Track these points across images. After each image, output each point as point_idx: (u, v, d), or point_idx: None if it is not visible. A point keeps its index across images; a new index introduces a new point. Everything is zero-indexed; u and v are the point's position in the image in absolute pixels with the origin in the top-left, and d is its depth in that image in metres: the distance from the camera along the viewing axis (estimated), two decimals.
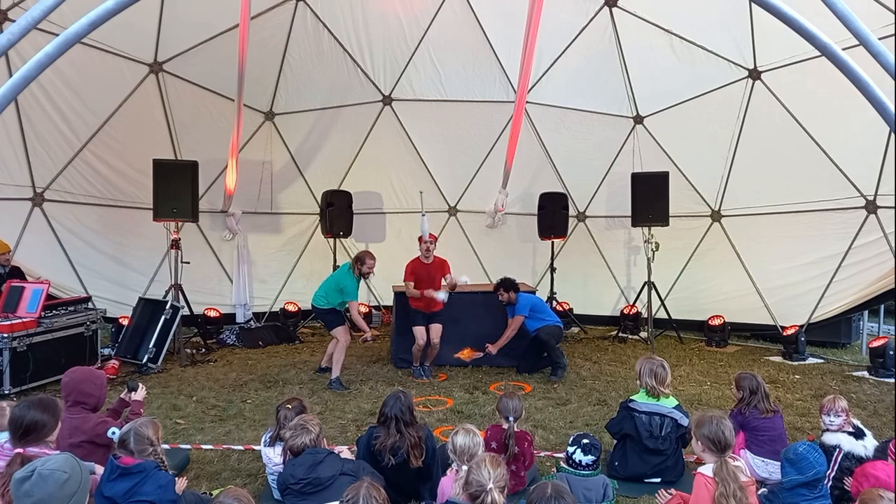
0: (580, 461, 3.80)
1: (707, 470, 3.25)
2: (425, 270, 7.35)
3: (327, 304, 7.05)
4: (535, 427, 5.45)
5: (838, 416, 4.15)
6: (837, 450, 3.95)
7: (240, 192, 9.01)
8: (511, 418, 4.14)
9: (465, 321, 7.66)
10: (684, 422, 4.44)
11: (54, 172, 8.40)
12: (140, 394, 4.40)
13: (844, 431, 4.07)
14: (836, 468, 3.89)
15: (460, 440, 3.51)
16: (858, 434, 4.06)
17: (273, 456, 4.04)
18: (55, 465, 2.32)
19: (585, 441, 3.85)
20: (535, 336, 7.34)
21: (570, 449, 3.87)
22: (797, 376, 7.36)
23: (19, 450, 3.05)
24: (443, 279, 7.38)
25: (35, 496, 2.25)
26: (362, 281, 7.19)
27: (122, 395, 4.44)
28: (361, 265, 7.01)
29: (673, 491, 3.73)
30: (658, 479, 4.35)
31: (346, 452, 3.95)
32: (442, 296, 7.21)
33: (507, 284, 7.51)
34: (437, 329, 7.38)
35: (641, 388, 4.56)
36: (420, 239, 7.47)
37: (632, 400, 4.55)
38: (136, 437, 3.15)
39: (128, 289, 8.83)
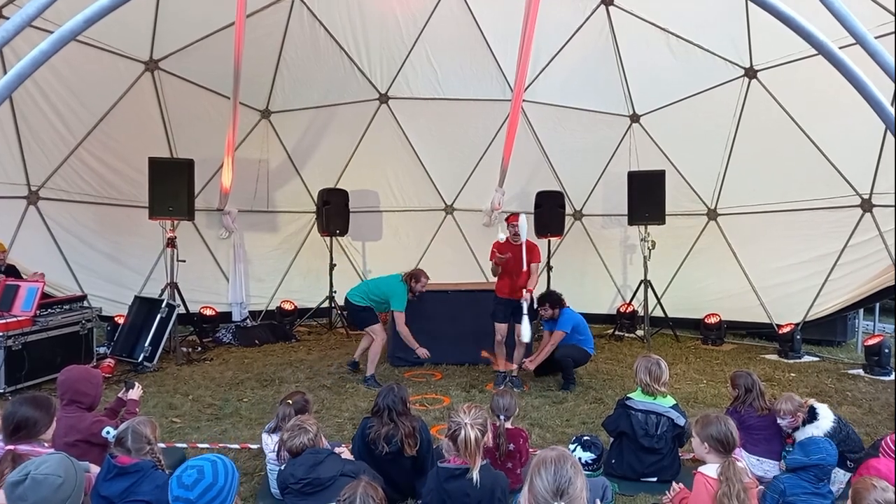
0: (580, 458, 3.81)
1: (708, 470, 3.23)
2: (512, 251, 6.82)
3: (365, 301, 6.89)
4: (531, 425, 5.46)
5: (783, 418, 4.25)
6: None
7: (236, 190, 8.98)
8: (502, 416, 4.14)
9: (463, 320, 7.63)
10: (681, 421, 4.43)
11: (49, 170, 8.37)
12: (136, 393, 4.38)
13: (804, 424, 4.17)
14: None
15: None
16: (811, 417, 4.16)
17: (270, 443, 4.06)
18: (49, 469, 2.30)
19: (586, 438, 3.88)
20: (553, 355, 6.86)
21: (571, 447, 3.89)
22: (793, 374, 7.38)
23: (10, 447, 3.04)
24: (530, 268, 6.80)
25: (29, 501, 2.24)
26: (362, 277, 7.14)
27: (119, 394, 4.42)
28: (416, 282, 6.90)
29: (681, 485, 3.72)
30: (654, 479, 4.36)
31: (345, 452, 3.96)
32: (502, 236, 6.80)
33: (554, 300, 6.95)
34: (523, 329, 6.65)
35: (638, 385, 4.56)
36: (508, 219, 6.95)
37: (628, 398, 4.55)
38: (134, 436, 3.14)
39: (123, 287, 8.80)
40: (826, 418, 4.14)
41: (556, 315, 6.91)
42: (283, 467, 3.59)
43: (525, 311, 6.55)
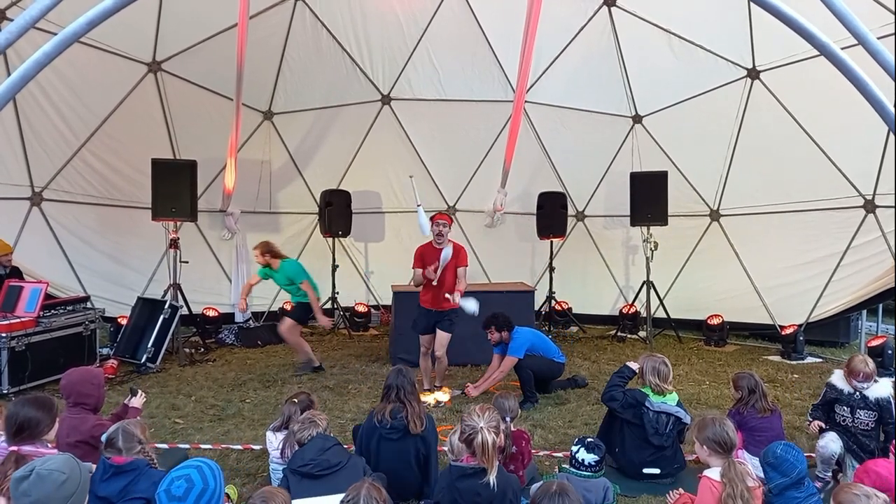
0: (583, 460, 3.82)
1: (713, 473, 3.24)
2: (435, 256, 6.19)
3: None
4: (534, 426, 5.46)
5: (868, 380, 4.35)
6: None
7: (238, 191, 9.01)
8: (507, 418, 4.14)
9: (464, 320, 7.56)
10: (687, 419, 4.50)
11: (53, 172, 8.39)
12: (138, 401, 4.37)
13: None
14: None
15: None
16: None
17: (274, 441, 4.09)
18: (54, 465, 2.33)
19: (590, 440, 3.88)
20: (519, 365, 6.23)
21: (574, 448, 3.90)
22: (796, 375, 7.37)
23: (14, 448, 3.06)
24: (457, 271, 6.17)
25: (33, 496, 2.26)
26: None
27: (125, 401, 4.43)
28: None
29: (681, 490, 3.73)
30: (657, 470, 4.38)
31: None
32: (464, 302, 5.89)
33: (501, 322, 6.29)
34: (441, 339, 6.19)
35: (646, 385, 4.57)
36: (433, 219, 6.33)
37: (646, 396, 4.53)
38: (125, 436, 3.15)
39: (126, 288, 8.82)
40: (884, 389, 4.36)
41: (506, 338, 6.30)
42: (289, 459, 3.61)
43: (457, 301, 5.89)
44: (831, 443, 4.28)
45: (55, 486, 2.28)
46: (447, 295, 6.02)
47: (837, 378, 4.51)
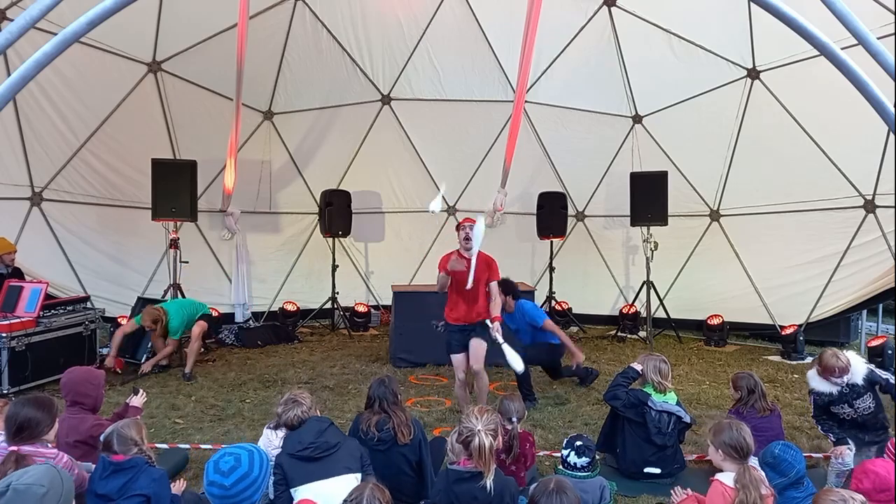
0: (575, 464, 3.80)
1: (725, 478, 3.20)
2: (462, 265, 5.48)
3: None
4: (534, 426, 5.46)
5: (844, 374, 4.31)
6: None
7: (238, 191, 9.00)
8: (515, 419, 4.14)
9: None
10: (687, 419, 4.51)
11: (53, 172, 8.38)
12: (138, 400, 4.38)
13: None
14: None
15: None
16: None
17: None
18: (31, 478, 2.25)
19: (579, 443, 3.86)
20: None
21: (565, 452, 3.88)
22: (796, 375, 7.37)
23: (14, 448, 3.06)
24: (487, 288, 5.40)
25: None
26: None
27: (127, 400, 4.44)
28: None
29: (689, 490, 3.71)
30: (658, 470, 4.38)
31: None
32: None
33: (507, 287, 6.04)
34: (477, 350, 5.36)
35: (647, 385, 4.58)
36: (461, 223, 5.49)
37: (649, 396, 4.54)
38: (119, 439, 3.14)
39: (126, 288, 8.81)
40: (860, 365, 4.34)
41: (511, 307, 6.08)
42: (283, 442, 3.58)
43: (500, 340, 5.20)
44: (848, 456, 4.21)
45: (35, 500, 2.19)
46: (488, 322, 5.34)
47: (816, 381, 4.42)
